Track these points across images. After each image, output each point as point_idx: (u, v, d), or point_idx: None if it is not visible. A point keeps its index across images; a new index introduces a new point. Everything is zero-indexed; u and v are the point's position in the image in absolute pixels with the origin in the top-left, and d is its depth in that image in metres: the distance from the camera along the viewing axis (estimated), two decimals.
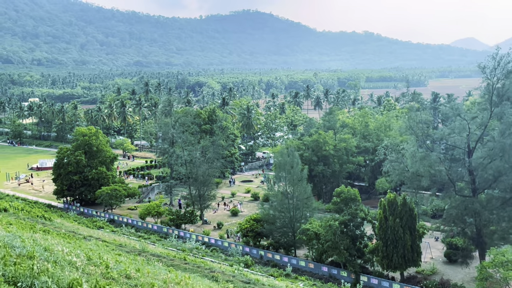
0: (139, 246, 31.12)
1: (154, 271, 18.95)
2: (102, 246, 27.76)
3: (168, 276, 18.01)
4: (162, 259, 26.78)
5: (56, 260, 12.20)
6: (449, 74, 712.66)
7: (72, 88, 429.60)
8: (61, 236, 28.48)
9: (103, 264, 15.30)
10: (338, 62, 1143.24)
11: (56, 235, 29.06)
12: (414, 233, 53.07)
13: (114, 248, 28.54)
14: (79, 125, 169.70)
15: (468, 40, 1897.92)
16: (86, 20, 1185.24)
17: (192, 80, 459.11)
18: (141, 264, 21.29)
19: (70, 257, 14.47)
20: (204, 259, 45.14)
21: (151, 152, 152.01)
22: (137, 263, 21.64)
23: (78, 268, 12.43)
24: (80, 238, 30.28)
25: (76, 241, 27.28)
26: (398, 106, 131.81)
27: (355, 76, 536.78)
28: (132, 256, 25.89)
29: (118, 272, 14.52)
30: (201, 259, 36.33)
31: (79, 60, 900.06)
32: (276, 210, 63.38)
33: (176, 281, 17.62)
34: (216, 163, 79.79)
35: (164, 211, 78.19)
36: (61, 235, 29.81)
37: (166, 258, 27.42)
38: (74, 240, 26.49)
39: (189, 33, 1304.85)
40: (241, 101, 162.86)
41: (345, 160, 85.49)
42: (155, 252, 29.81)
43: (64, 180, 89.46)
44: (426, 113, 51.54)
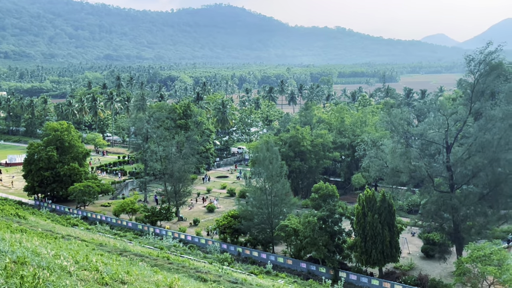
0: (119, 245, 30.22)
1: (142, 273, 18.26)
2: (82, 246, 26.81)
3: (158, 279, 17.36)
4: (145, 258, 26.01)
5: (49, 266, 11.42)
6: (420, 70, 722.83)
7: (41, 81, 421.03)
8: (39, 235, 27.40)
9: (92, 267, 14.57)
10: (310, 57, 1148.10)
11: (33, 234, 27.96)
12: (393, 228, 53.23)
13: (94, 248, 27.60)
14: (49, 119, 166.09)
15: (438, 36, 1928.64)
16: (54, 12, 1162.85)
17: (164, 74, 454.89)
18: (127, 265, 20.53)
19: (60, 260, 13.70)
20: (183, 257, 44.36)
21: (123, 147, 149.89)
22: (123, 264, 20.87)
23: (71, 274, 11.67)
24: (59, 237, 29.25)
25: (55, 241, 26.26)
26: (373, 102, 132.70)
27: (328, 71, 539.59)
28: (115, 256, 25.02)
29: (110, 276, 13.81)
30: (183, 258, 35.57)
31: (47, 53, 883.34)
32: (254, 207, 62.85)
33: (167, 283, 17.00)
34: (192, 159, 78.76)
35: (139, 208, 76.92)
36: (38, 234, 28.72)
37: (149, 257, 26.65)
38: (54, 240, 25.48)
39: (160, 26, 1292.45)
40: (216, 96, 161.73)
41: (322, 156, 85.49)
42: (137, 251, 28.99)
43: (35, 176, 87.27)
44: (405, 109, 51.56)
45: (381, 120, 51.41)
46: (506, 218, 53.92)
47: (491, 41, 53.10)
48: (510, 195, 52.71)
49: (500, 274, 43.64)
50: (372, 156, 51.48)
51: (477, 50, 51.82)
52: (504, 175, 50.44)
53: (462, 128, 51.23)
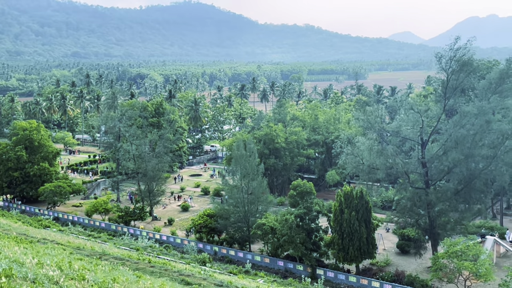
0: (98, 248, 29.34)
1: (127, 279, 17.64)
2: (60, 250, 25.93)
3: (145, 285, 16.79)
4: (126, 262, 25.28)
5: (37, 278, 10.76)
6: (387, 67, 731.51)
7: (7, 80, 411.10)
8: (14, 240, 26.40)
9: (79, 276, 13.89)
10: (280, 54, 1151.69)
11: (8, 239, 26.94)
12: (369, 225, 53.41)
13: (72, 252, 26.74)
14: (16, 118, 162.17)
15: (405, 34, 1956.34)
16: (19, 9, 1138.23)
17: (133, 72, 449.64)
18: (110, 271, 19.85)
19: (44, 270, 13.01)
20: (160, 258, 43.64)
21: (93, 146, 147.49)
22: (105, 269, 20.16)
23: (61, 286, 11.03)
24: (34, 241, 28.24)
25: (31, 245, 25.33)
26: (345, 99, 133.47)
27: (298, 68, 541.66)
28: (95, 260, 24.22)
29: (98, 285, 13.19)
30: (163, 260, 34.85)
31: (13, 50, 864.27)
32: (231, 205, 62.32)
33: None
34: (165, 158, 77.72)
35: (112, 208, 75.56)
36: (13, 238, 27.69)
37: (129, 261, 25.91)
38: (30, 245, 24.56)
39: (129, 23, 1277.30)
40: (188, 94, 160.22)
41: (296, 153, 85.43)
42: (116, 254, 28.19)
43: (4, 177, 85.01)
44: (380, 106, 51.73)
45: (357, 117, 51.45)
46: (480, 213, 54.67)
47: (459, 37, 53.32)
48: (483, 190, 53.49)
49: (476, 269, 44.21)
50: (349, 153, 51.45)
51: (446, 47, 52.06)
52: (478, 170, 51.11)
53: (437, 124, 51.65)
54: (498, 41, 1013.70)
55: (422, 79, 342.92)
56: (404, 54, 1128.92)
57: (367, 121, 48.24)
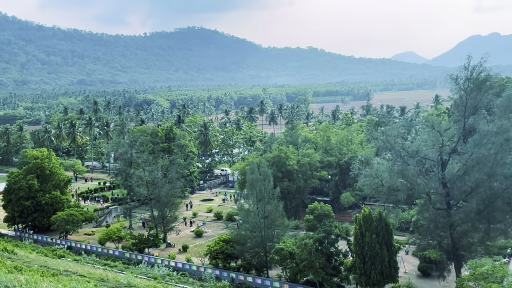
0: (123, 279, 28.42)
1: None
2: (85, 283, 25.07)
3: None
4: None
5: None
6: (392, 87, 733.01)
7: (14, 108, 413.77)
8: (38, 273, 25.57)
9: None
10: (284, 77, 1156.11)
11: (30, 272, 26.11)
12: (391, 248, 52.29)
13: (97, 284, 25.87)
14: (25, 147, 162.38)
15: (408, 54, 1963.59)
16: (25, 39, 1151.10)
17: (139, 98, 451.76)
18: None
19: None
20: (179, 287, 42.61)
21: (103, 173, 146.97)
22: None
23: None
24: (57, 273, 27.41)
25: (56, 279, 24.48)
26: (356, 120, 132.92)
27: (303, 91, 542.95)
28: None
29: None
30: None
31: (19, 80, 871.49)
32: (247, 230, 61.29)
33: None
34: (178, 183, 76.99)
35: (126, 235, 74.55)
36: (35, 271, 26.85)
37: None
38: (55, 279, 23.72)
39: (133, 50, 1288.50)
40: (196, 118, 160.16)
41: (309, 175, 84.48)
42: (140, 285, 27.29)
43: (16, 206, 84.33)
44: (399, 126, 50.99)
45: (376, 137, 50.65)
46: (504, 233, 53.39)
47: (471, 56, 52.78)
48: (506, 210, 52.30)
49: None
50: (367, 175, 50.52)
51: (458, 67, 51.62)
52: (501, 190, 50.01)
53: (457, 144, 50.79)
54: (502, 59, 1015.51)
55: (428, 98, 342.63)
56: (408, 74, 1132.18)
57: (387, 141, 47.45)
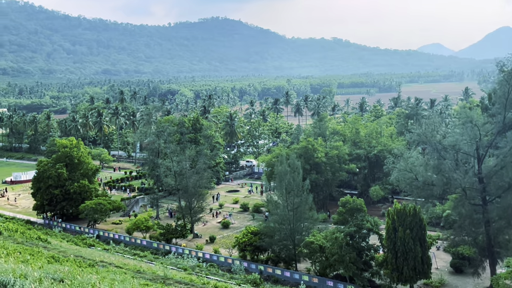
0: (160, 272, 28.12)
1: None
2: (122, 275, 24.73)
3: None
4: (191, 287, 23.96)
5: None
6: (418, 79, 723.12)
7: (40, 97, 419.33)
8: (74, 263, 25.31)
9: None
10: (308, 68, 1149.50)
11: (68, 262, 25.86)
12: (424, 244, 51.20)
13: (133, 276, 25.52)
14: (52, 135, 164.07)
15: (434, 46, 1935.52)
16: (52, 28, 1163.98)
17: (163, 88, 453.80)
18: None
19: None
20: (210, 279, 42.24)
21: (129, 162, 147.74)
22: None
23: None
24: (93, 264, 27.20)
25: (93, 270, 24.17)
26: (385, 112, 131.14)
27: (327, 82, 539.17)
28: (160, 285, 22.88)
29: None
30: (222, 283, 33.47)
31: (45, 69, 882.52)
32: (276, 222, 60.72)
33: None
34: (206, 174, 76.75)
35: (153, 226, 74.64)
36: (72, 262, 26.62)
37: (195, 286, 24.60)
38: (94, 270, 23.40)
39: (157, 40, 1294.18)
40: (222, 109, 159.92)
41: (338, 168, 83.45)
42: (177, 278, 26.92)
43: (45, 194, 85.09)
44: (437, 120, 49.71)
45: (411, 130, 49.48)
46: None
47: None
48: None
49: None
50: (401, 169, 49.39)
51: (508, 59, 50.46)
52: None
53: (495, 138, 49.33)
54: None
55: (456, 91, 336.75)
56: (434, 66, 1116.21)
57: (423, 134, 46.25)
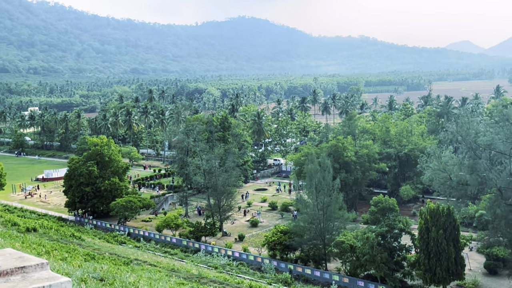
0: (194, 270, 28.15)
1: None
2: (156, 273, 24.82)
3: None
4: (226, 286, 23.90)
5: None
6: (447, 77, 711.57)
7: (70, 96, 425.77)
8: (110, 261, 25.47)
9: None
10: (334, 66, 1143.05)
11: (103, 260, 26.05)
12: (458, 244, 50.32)
13: (168, 274, 25.58)
14: (82, 133, 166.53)
15: (463, 43, 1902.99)
16: (81, 28, 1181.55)
17: (191, 86, 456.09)
18: None
19: None
20: (240, 277, 42.17)
21: (157, 160, 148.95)
22: None
23: None
24: (128, 262, 27.38)
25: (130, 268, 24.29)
26: (415, 111, 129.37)
27: (355, 80, 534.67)
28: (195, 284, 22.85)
29: None
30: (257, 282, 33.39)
31: (75, 68, 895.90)
32: (306, 222, 60.44)
33: None
34: (235, 172, 76.85)
35: (183, 223, 75.06)
36: (107, 259, 26.81)
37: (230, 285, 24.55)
38: (129, 268, 23.50)
39: (185, 39, 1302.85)
40: (250, 108, 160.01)
41: (368, 167, 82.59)
42: (211, 277, 26.93)
43: (76, 192, 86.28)
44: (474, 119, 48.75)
45: (447, 129, 48.61)
46: None
47: None
48: None
49: None
50: (435, 169, 48.57)
51: None
52: None
53: None
54: None
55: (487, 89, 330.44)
56: (464, 63, 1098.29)
57: (458, 132, 45.39)
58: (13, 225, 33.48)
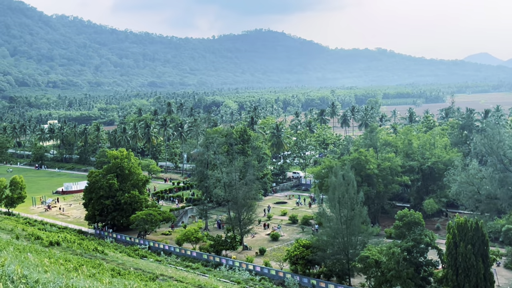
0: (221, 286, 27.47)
1: None
2: None
3: None
4: None
5: None
6: (466, 90, 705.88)
7: (89, 109, 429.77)
8: (135, 277, 24.84)
9: None
10: (351, 79, 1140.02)
11: (128, 275, 25.41)
12: (487, 260, 48.90)
13: None
14: (101, 146, 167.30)
15: (482, 55, 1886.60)
16: (100, 42, 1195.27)
17: (208, 99, 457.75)
18: None
19: None
20: None
21: (176, 173, 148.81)
22: None
23: None
24: (154, 278, 26.78)
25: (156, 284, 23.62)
26: (437, 123, 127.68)
27: (372, 92, 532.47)
28: None
29: None
30: None
31: (93, 81, 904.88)
32: (329, 236, 59.38)
33: None
34: (256, 185, 76.09)
35: (203, 237, 74.38)
36: (132, 274, 26.19)
37: None
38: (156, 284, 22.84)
39: (202, 53, 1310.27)
40: (268, 120, 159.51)
41: (390, 180, 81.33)
42: None
43: (96, 204, 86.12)
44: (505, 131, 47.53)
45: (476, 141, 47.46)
46: None
47: None
48: None
49: None
50: (463, 182, 47.36)
51: None
52: None
53: None
54: None
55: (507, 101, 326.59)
56: (482, 76, 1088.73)
57: (488, 145, 44.25)
58: (36, 239, 33.11)
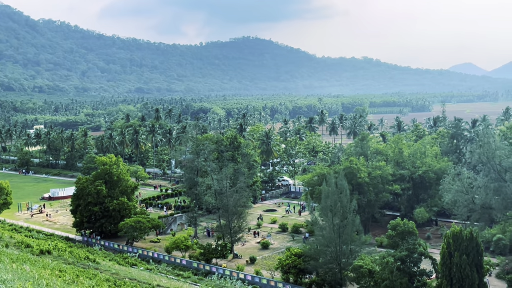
0: None
1: None
2: None
3: None
4: None
5: None
6: (451, 99, 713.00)
7: (75, 115, 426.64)
8: None
9: None
10: (338, 87, 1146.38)
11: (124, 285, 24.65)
12: (481, 270, 48.69)
13: None
14: (88, 152, 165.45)
15: (466, 65, 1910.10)
16: (87, 47, 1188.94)
17: (196, 106, 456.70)
18: None
19: None
20: None
21: (164, 180, 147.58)
22: None
23: None
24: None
25: None
26: (427, 132, 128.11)
27: (359, 101, 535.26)
28: None
29: None
30: None
31: (80, 87, 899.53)
32: (321, 244, 58.85)
33: None
34: (247, 193, 75.42)
35: (193, 245, 73.45)
36: (128, 286, 25.40)
37: None
38: None
39: (189, 59, 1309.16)
40: (258, 127, 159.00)
41: (381, 189, 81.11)
42: None
43: (84, 211, 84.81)
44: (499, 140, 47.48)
45: (471, 150, 47.35)
46: None
47: None
48: None
49: None
50: (459, 191, 47.17)
51: None
52: None
53: None
54: None
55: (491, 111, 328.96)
56: (467, 86, 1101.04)
57: (483, 154, 44.12)
58: (26, 247, 32.16)
